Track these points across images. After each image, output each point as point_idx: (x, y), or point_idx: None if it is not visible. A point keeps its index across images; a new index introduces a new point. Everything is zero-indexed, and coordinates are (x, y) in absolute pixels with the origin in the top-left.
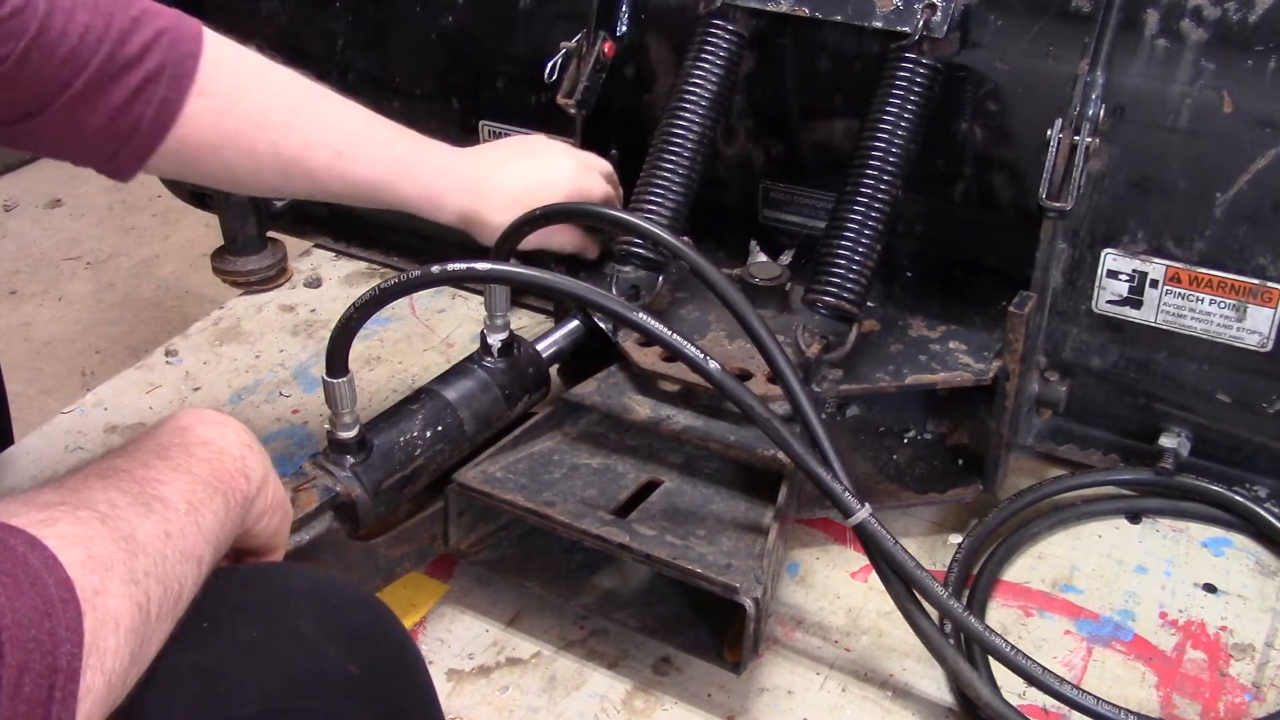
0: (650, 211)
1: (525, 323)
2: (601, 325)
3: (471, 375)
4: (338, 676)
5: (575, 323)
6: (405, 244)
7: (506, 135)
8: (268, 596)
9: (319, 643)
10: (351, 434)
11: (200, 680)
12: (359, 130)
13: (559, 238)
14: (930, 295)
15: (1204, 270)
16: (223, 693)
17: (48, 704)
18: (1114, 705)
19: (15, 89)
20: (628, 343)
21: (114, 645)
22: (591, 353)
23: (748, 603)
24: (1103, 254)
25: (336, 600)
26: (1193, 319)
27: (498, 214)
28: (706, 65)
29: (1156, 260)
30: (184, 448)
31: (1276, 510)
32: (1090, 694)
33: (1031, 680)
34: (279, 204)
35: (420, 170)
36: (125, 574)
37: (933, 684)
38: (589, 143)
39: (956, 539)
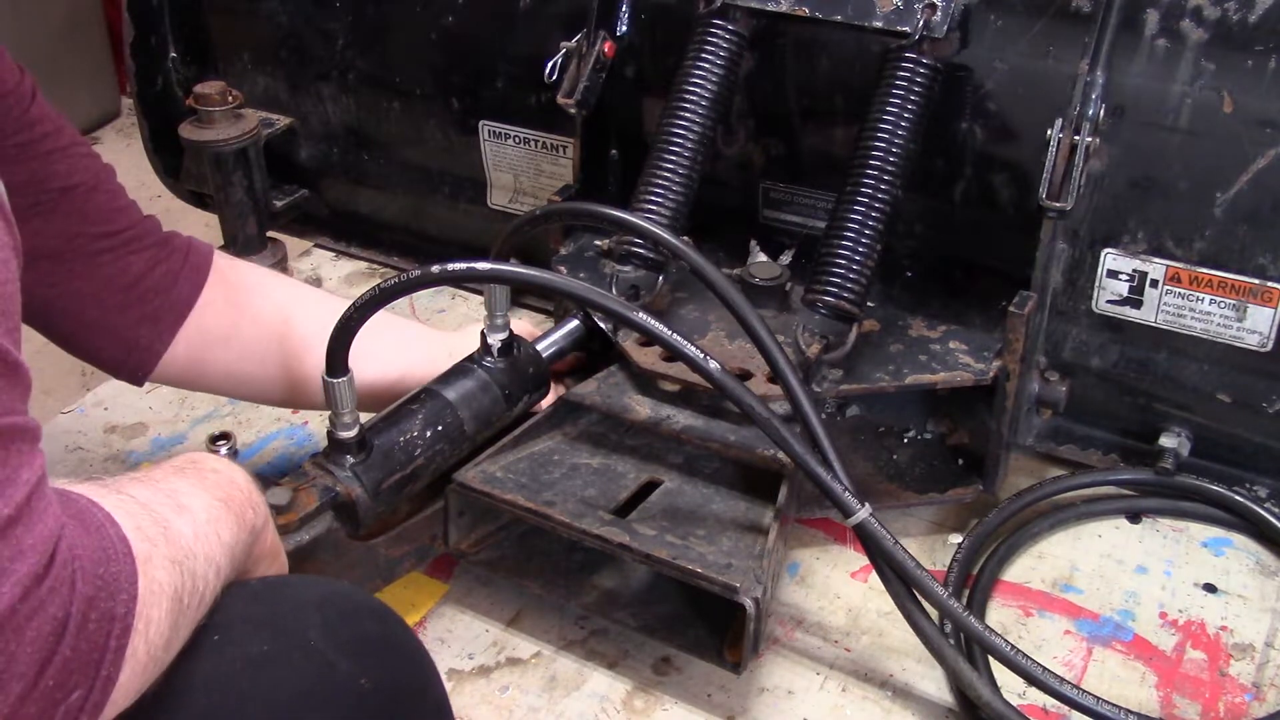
0: (650, 211)
1: (526, 323)
2: (601, 325)
3: (471, 375)
4: (348, 690)
5: (575, 323)
6: (405, 244)
7: (507, 135)
8: (278, 609)
9: (329, 655)
10: (351, 434)
11: (210, 693)
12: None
13: None
14: (930, 295)
15: (1204, 270)
16: (232, 706)
17: (103, 650)
18: (1114, 705)
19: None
20: (628, 343)
21: (158, 616)
22: (592, 353)
23: (748, 603)
24: (1103, 254)
25: (347, 611)
26: (1193, 319)
27: None
28: (706, 65)
29: (1156, 260)
30: (198, 472)
31: (1276, 510)
32: (1090, 694)
33: (1031, 680)
34: (279, 204)
35: None
36: (167, 553)
37: (933, 684)
38: (589, 143)
39: (956, 539)
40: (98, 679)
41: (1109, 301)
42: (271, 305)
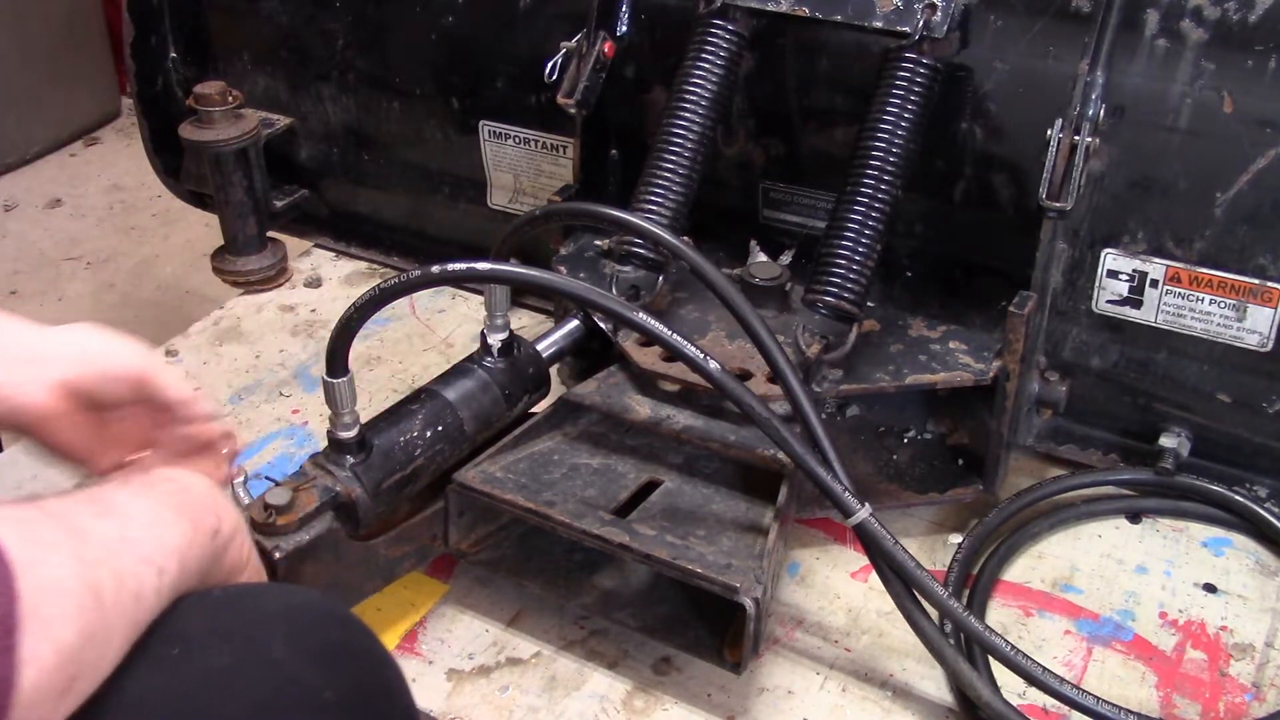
0: (650, 211)
1: (525, 323)
2: (601, 325)
3: (471, 375)
4: (314, 702)
5: (575, 323)
6: (405, 244)
7: (507, 135)
8: (240, 620)
9: (294, 667)
10: (351, 434)
11: (170, 708)
12: None
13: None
14: (930, 295)
15: (1204, 270)
16: None
17: None
18: (1114, 705)
19: None
20: (628, 343)
21: (59, 614)
22: (592, 353)
23: (748, 603)
24: (1103, 254)
25: (312, 620)
26: (1193, 319)
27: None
28: (706, 65)
29: (1156, 260)
30: (147, 482)
31: (1276, 510)
32: (1090, 694)
33: (1031, 680)
34: (279, 204)
35: None
36: (71, 553)
37: (933, 684)
38: (589, 143)
39: (956, 539)
40: None
41: (1109, 301)
42: None
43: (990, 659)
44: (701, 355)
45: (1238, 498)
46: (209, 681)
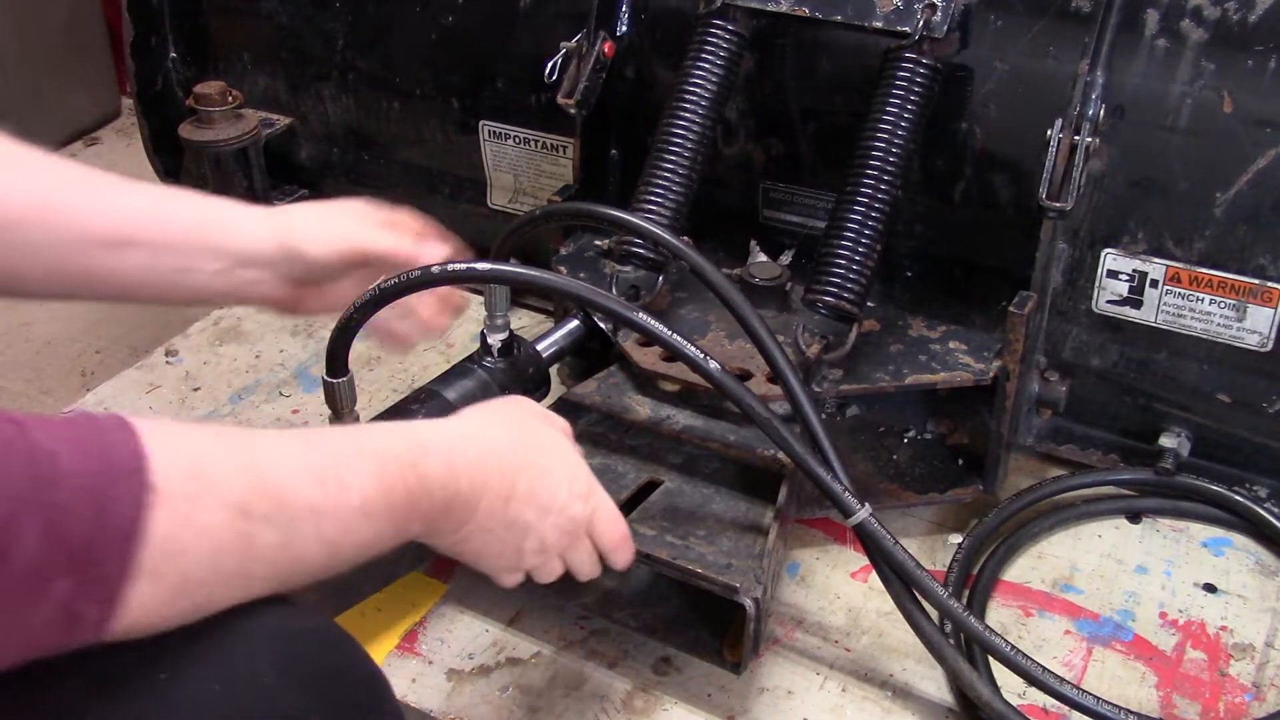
0: (650, 211)
1: (525, 323)
2: (601, 325)
3: (471, 375)
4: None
5: (575, 323)
6: None
7: (507, 135)
8: (229, 641)
9: (281, 691)
10: None
11: None
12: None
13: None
14: (930, 295)
15: (1204, 270)
16: None
17: (89, 546)
18: (1114, 705)
19: None
20: (628, 343)
21: (195, 551)
22: (592, 353)
23: (748, 603)
24: (1103, 254)
25: (301, 641)
26: (1193, 319)
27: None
28: (706, 65)
29: (1156, 260)
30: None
31: (1276, 510)
32: (1090, 694)
33: (1031, 680)
34: (279, 204)
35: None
36: (229, 499)
37: (933, 684)
38: (589, 143)
39: (956, 539)
40: (88, 577)
41: (1109, 301)
42: None
43: (990, 659)
44: (701, 355)
45: (1238, 498)
46: (196, 709)
